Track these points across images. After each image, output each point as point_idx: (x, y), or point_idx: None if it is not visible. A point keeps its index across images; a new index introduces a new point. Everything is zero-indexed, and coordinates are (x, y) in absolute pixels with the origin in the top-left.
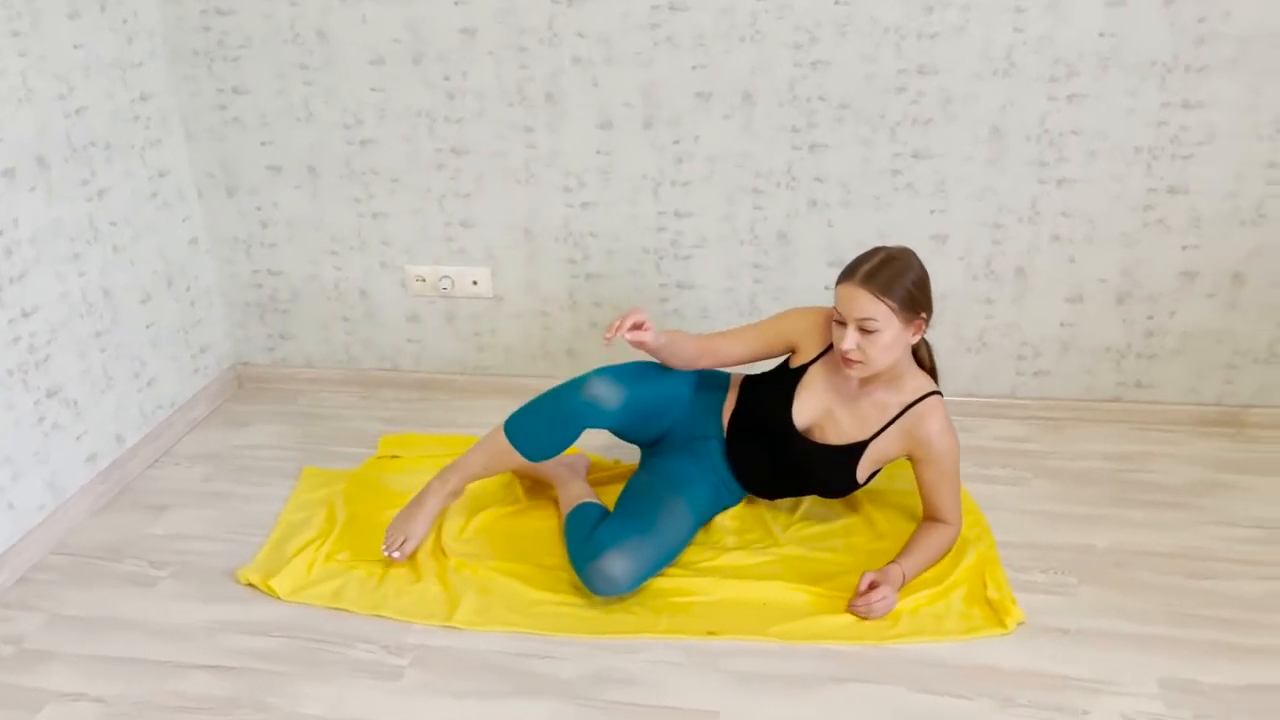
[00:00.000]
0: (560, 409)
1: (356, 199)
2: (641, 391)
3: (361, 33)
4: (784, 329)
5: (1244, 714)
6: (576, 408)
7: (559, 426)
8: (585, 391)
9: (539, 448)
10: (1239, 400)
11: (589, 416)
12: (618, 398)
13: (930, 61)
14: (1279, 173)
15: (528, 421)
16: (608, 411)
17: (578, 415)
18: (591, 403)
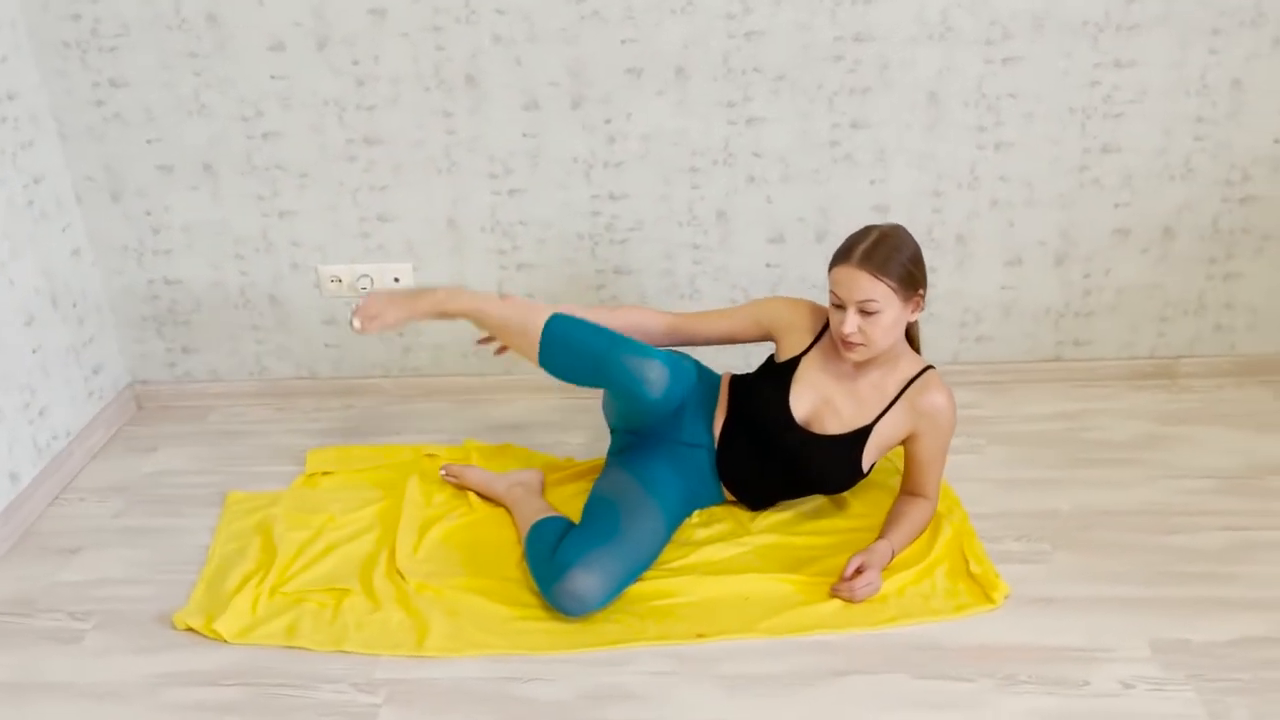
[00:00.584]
0: (606, 361)
1: (261, 197)
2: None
3: (258, 16)
4: (762, 316)
5: (1236, 669)
6: (620, 373)
7: (591, 369)
8: (639, 367)
9: (557, 365)
10: (1171, 352)
11: (622, 383)
12: (659, 391)
13: (866, 28)
14: (1206, 127)
15: (572, 338)
16: (645, 396)
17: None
18: (637, 378)
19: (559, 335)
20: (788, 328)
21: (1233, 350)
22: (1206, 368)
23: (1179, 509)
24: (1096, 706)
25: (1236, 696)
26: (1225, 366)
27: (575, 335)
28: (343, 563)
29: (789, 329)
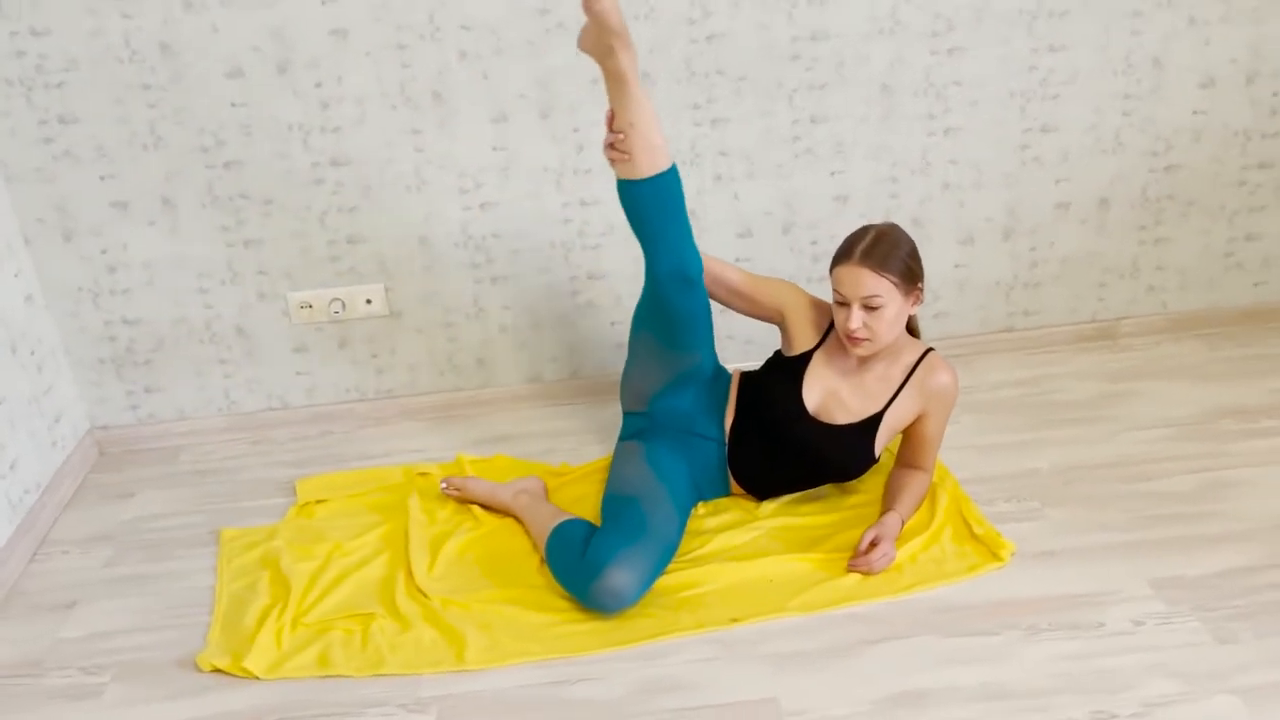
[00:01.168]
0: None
1: (224, 228)
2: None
3: (213, 43)
4: (780, 297)
5: (1231, 596)
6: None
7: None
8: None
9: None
10: (1111, 315)
11: (608, 605)
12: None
13: (822, 27)
14: (1131, 103)
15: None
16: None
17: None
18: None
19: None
20: (801, 320)
21: (1165, 309)
22: (1143, 327)
23: (1146, 458)
24: (1115, 645)
25: (1238, 621)
26: (1160, 324)
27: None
28: (359, 588)
29: (802, 321)
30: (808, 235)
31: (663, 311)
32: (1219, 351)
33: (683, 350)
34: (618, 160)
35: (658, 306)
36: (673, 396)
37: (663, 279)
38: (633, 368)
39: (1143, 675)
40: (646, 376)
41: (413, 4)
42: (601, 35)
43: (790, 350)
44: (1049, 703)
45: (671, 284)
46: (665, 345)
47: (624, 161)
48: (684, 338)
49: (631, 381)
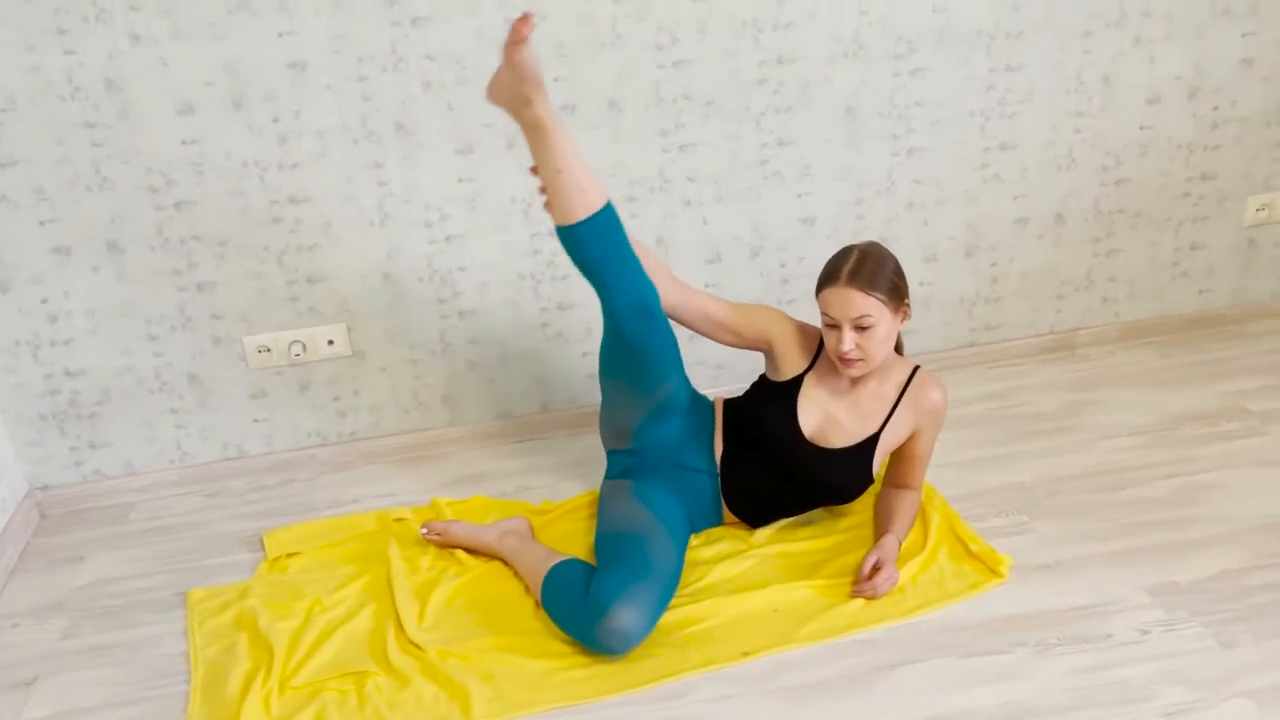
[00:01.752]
0: (630, 264)
1: (176, 271)
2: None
3: (163, 79)
4: (764, 322)
5: (1226, 599)
6: (638, 278)
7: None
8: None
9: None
10: (1067, 326)
11: (633, 285)
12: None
13: (788, 51)
14: (1084, 120)
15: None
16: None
17: (631, 281)
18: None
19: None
20: (788, 345)
21: (1117, 319)
22: (1097, 337)
23: (1121, 466)
24: (1125, 655)
25: (1237, 624)
26: (1112, 334)
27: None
28: (347, 644)
29: (788, 347)
30: (776, 258)
31: (628, 350)
32: (1170, 358)
33: (655, 383)
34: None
35: (622, 346)
36: (656, 429)
37: (623, 317)
38: (609, 408)
39: (1156, 684)
40: (624, 414)
41: (374, 35)
42: (519, 85)
43: (778, 375)
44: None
45: (633, 320)
46: (637, 384)
47: (556, 223)
48: (654, 371)
49: (610, 421)
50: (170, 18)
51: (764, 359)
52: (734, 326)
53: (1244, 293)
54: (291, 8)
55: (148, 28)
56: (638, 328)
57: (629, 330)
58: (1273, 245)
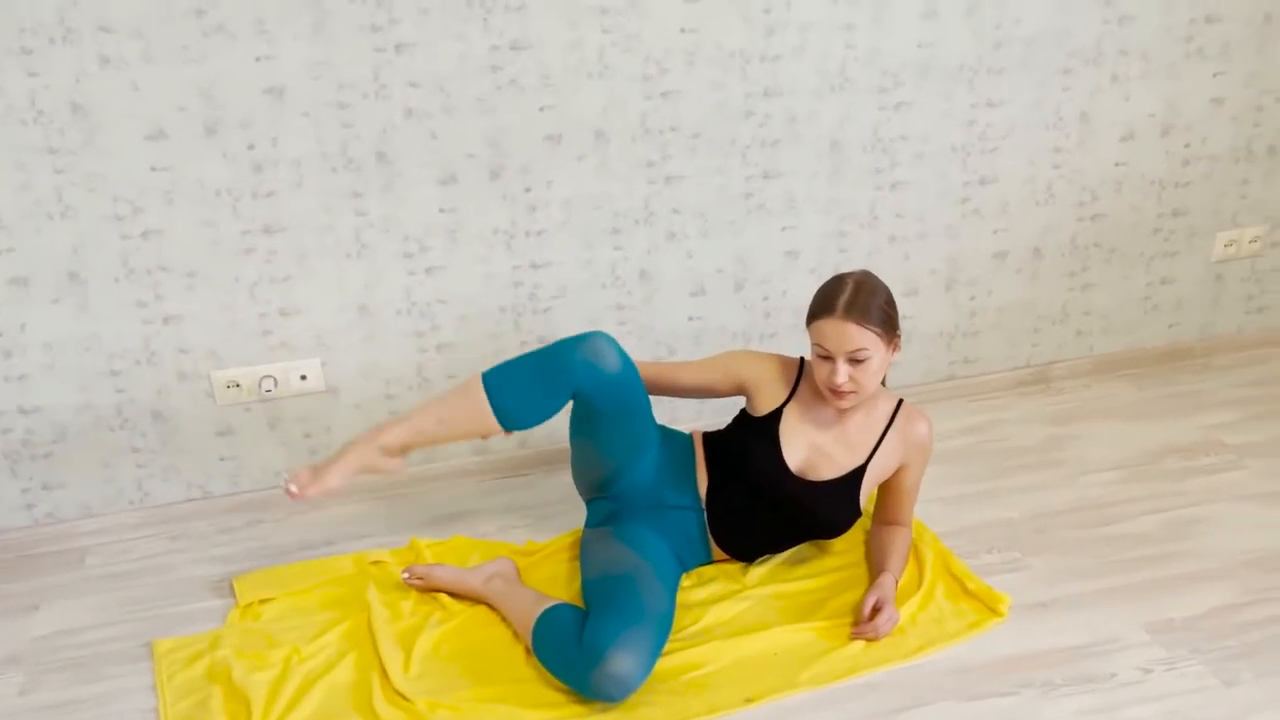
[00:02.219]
0: (553, 363)
1: (141, 303)
2: (635, 377)
3: (133, 103)
4: (733, 369)
5: (1223, 636)
6: (572, 363)
7: (547, 384)
8: (583, 349)
9: (519, 407)
10: (1044, 359)
11: (583, 375)
12: (616, 362)
13: (775, 84)
14: (1062, 156)
15: (512, 374)
16: (604, 374)
17: (571, 372)
18: (590, 361)
19: (499, 378)
20: (762, 381)
21: (1091, 352)
22: (1073, 370)
23: (1106, 501)
24: (1131, 695)
25: (1236, 661)
26: (1087, 367)
27: (512, 367)
28: (330, 696)
29: (764, 382)
30: (759, 291)
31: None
32: (1144, 391)
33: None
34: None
35: (589, 415)
36: (634, 472)
37: (588, 392)
38: (579, 463)
39: None
40: (596, 467)
41: (356, 60)
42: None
43: (758, 410)
44: None
45: (600, 390)
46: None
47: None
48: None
49: (583, 474)
50: (143, 40)
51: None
52: (708, 385)
53: (1211, 326)
54: (271, 32)
55: (119, 50)
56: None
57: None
58: (1239, 280)
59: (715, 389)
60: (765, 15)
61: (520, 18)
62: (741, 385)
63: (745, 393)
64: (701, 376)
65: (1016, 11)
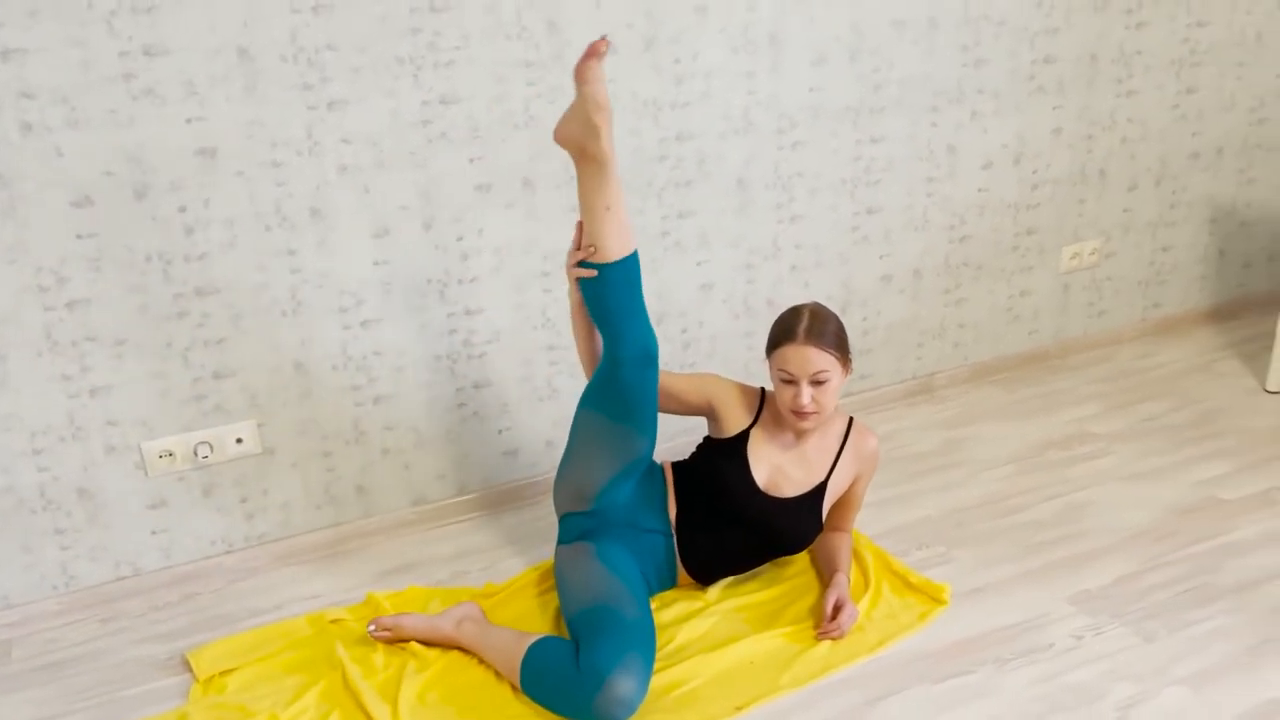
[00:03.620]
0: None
1: (66, 377)
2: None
3: (57, 170)
4: (707, 387)
5: (1133, 600)
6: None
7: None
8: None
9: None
10: (926, 371)
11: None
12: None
13: (686, 129)
14: (934, 185)
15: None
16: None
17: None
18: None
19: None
20: (729, 405)
21: (966, 361)
22: (952, 379)
23: (1007, 493)
24: (1071, 660)
25: (1151, 620)
26: (964, 375)
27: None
28: None
29: (731, 405)
30: (678, 324)
31: (622, 394)
32: (1015, 393)
33: (634, 431)
34: (586, 269)
35: (617, 389)
36: (617, 491)
37: (626, 361)
38: (577, 462)
39: (1104, 683)
40: (592, 470)
41: (289, 119)
42: (590, 115)
43: (722, 434)
44: None
45: (634, 365)
46: (618, 432)
47: (592, 261)
48: (640, 420)
49: (574, 477)
50: (67, 104)
51: (706, 422)
52: (677, 394)
53: (1062, 331)
54: (202, 93)
55: (41, 116)
56: (638, 373)
57: (628, 374)
58: (1082, 289)
59: (684, 399)
60: (675, 65)
61: (449, 73)
62: (711, 403)
63: (713, 412)
64: (677, 385)
65: (891, 57)
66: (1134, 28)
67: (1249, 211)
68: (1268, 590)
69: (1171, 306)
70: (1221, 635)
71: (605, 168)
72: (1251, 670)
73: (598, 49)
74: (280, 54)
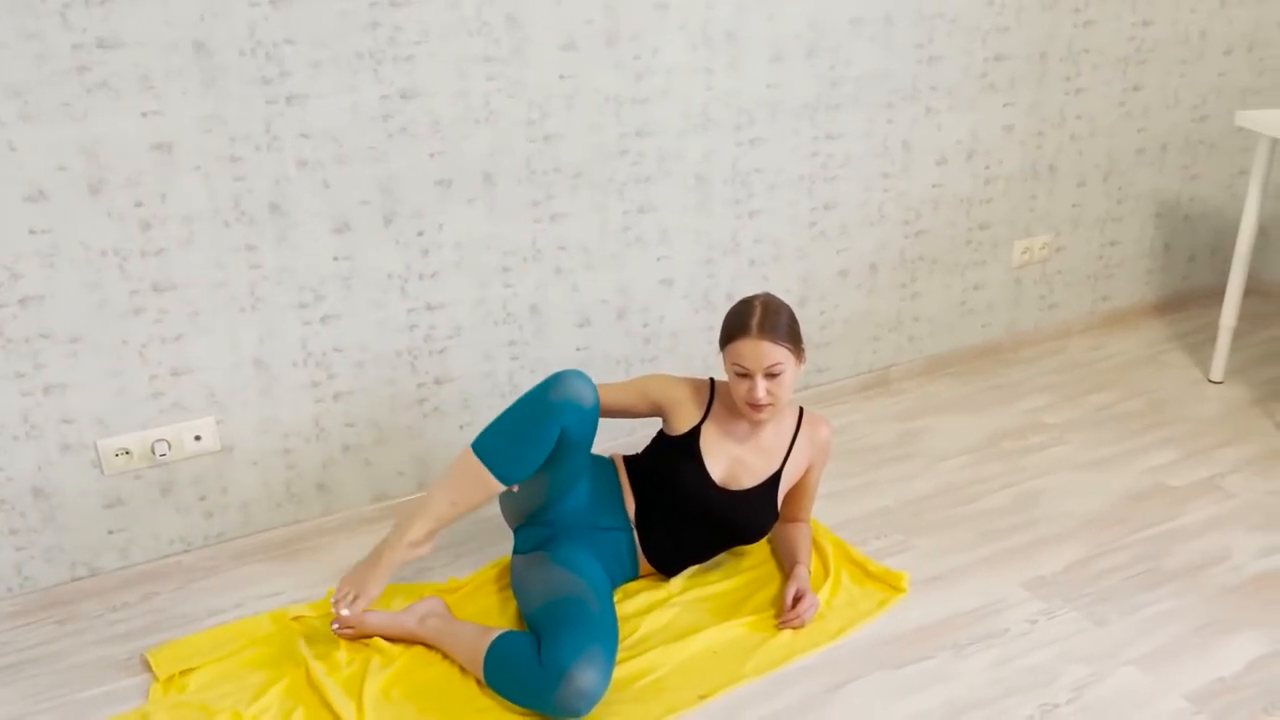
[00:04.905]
0: (534, 413)
1: (20, 374)
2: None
3: (10, 164)
4: (650, 391)
5: (1085, 584)
6: (553, 407)
7: (535, 434)
8: (558, 390)
9: (515, 463)
10: (882, 364)
11: (567, 414)
12: (592, 395)
13: (646, 124)
14: (890, 180)
15: (499, 436)
16: (584, 409)
17: (555, 414)
18: (570, 400)
19: (489, 442)
20: (677, 401)
21: (921, 354)
22: (907, 371)
23: (962, 483)
24: (1026, 644)
25: (1102, 604)
26: (919, 368)
27: (497, 430)
28: None
29: (679, 402)
30: (640, 319)
31: (569, 449)
32: (969, 385)
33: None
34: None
35: (561, 449)
36: (569, 499)
37: (573, 428)
38: (521, 493)
39: (1058, 665)
40: (539, 494)
41: (248, 113)
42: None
43: (675, 430)
44: (1004, 707)
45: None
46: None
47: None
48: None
49: (520, 503)
50: (20, 98)
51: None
52: (626, 406)
53: (1014, 324)
54: (158, 87)
55: None
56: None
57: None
58: (1033, 283)
59: (633, 410)
60: (635, 61)
61: (409, 67)
62: (658, 405)
63: (662, 413)
64: (621, 398)
65: (848, 54)
66: (1082, 26)
67: (1192, 206)
68: (1214, 573)
69: (1120, 300)
70: (1170, 617)
71: (437, 520)
72: (1200, 650)
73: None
74: (239, 48)
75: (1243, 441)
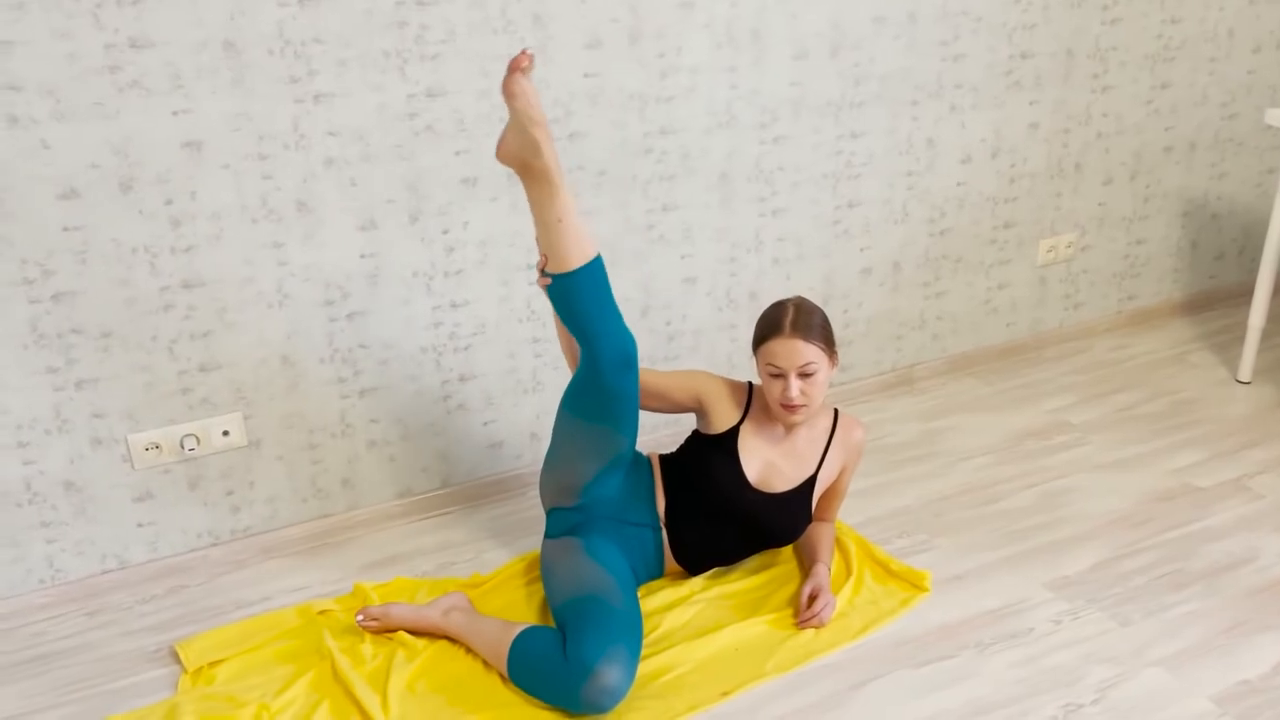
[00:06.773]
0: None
1: (52, 369)
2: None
3: (43, 162)
4: (694, 385)
5: (1110, 585)
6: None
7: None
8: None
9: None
10: (906, 363)
11: (604, 705)
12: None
13: (669, 122)
14: (914, 179)
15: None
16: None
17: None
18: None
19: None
20: (718, 400)
21: (945, 353)
22: (930, 370)
23: (985, 482)
24: (1050, 644)
25: (1126, 605)
26: (942, 366)
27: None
28: None
29: (719, 401)
30: (662, 316)
31: (605, 397)
32: (993, 385)
33: (619, 433)
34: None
35: (599, 392)
36: (603, 485)
37: (605, 365)
38: (561, 460)
39: (1082, 666)
40: (576, 466)
41: (275, 112)
42: (526, 131)
43: (711, 429)
44: (1027, 707)
45: (613, 369)
46: (602, 434)
47: (552, 271)
48: (623, 421)
49: (559, 474)
50: (54, 97)
51: (695, 417)
52: (664, 392)
53: (1039, 323)
54: (188, 86)
55: (28, 108)
56: (617, 377)
57: (609, 379)
58: (1058, 281)
59: (671, 397)
60: (659, 59)
61: (435, 66)
62: (699, 399)
63: (701, 408)
64: (663, 384)
65: (871, 52)
66: (1109, 23)
67: (1220, 205)
68: (1240, 574)
69: (1145, 299)
70: (1196, 619)
71: (551, 181)
72: (1225, 652)
73: (519, 63)
74: (267, 47)
75: (1271, 442)
